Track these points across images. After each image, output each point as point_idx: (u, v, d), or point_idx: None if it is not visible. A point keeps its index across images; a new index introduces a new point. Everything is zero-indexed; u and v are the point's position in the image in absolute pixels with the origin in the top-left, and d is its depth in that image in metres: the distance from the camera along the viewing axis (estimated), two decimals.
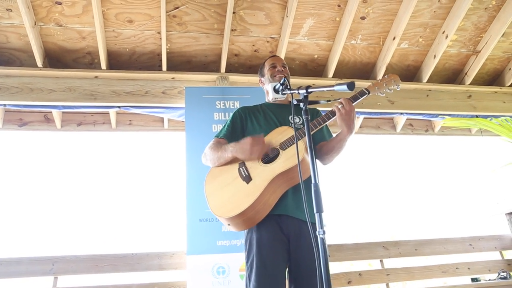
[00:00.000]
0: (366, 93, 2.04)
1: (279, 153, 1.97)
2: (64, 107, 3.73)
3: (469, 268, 4.06)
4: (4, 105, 3.63)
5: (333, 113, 1.98)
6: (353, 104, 1.96)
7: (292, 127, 2.02)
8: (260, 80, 2.45)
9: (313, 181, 1.51)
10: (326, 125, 2.12)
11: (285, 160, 1.92)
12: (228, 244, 3.27)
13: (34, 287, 3.36)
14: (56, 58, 3.77)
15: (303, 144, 1.86)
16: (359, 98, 2.02)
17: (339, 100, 1.93)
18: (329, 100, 2.02)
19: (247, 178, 1.95)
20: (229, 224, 1.95)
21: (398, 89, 2.12)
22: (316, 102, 1.90)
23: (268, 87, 2.18)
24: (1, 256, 3.40)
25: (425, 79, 4.36)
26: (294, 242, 1.92)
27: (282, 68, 2.32)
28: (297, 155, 1.67)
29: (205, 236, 3.25)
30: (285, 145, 1.97)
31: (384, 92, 2.08)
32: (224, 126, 2.25)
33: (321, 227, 1.43)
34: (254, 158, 1.95)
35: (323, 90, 1.70)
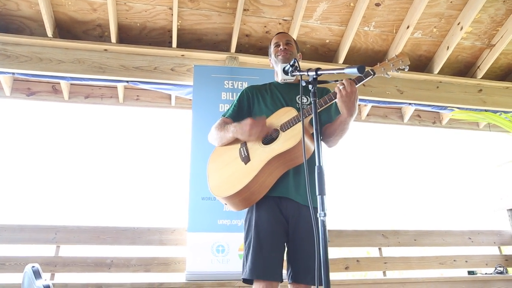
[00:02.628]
0: (371, 74, 1.90)
1: (279, 134, 1.95)
2: (72, 78, 3.74)
3: (466, 261, 4.09)
4: (13, 73, 3.64)
5: (335, 95, 1.89)
6: (357, 85, 1.87)
7: (296, 108, 2.00)
8: (270, 60, 2.39)
9: (317, 164, 1.50)
10: (334, 105, 2.03)
11: (283, 142, 1.90)
12: (229, 223, 3.30)
13: (37, 254, 3.42)
14: (66, 29, 3.75)
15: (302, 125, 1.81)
16: (364, 79, 1.91)
17: (340, 81, 1.85)
18: (337, 80, 1.91)
19: (246, 159, 1.95)
20: (226, 204, 1.98)
21: (406, 69, 1.96)
22: (324, 82, 1.83)
23: (278, 68, 2.15)
24: (5, 222, 3.46)
25: (437, 70, 4.31)
26: (292, 224, 1.92)
27: (286, 46, 2.24)
28: (302, 136, 1.65)
29: (206, 214, 3.28)
30: (286, 126, 1.94)
31: (391, 73, 1.94)
32: (231, 105, 2.24)
33: (322, 209, 1.43)
34: (252, 139, 1.95)
35: (333, 73, 1.67)
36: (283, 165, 1.92)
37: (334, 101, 1.92)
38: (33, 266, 2.30)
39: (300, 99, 2.06)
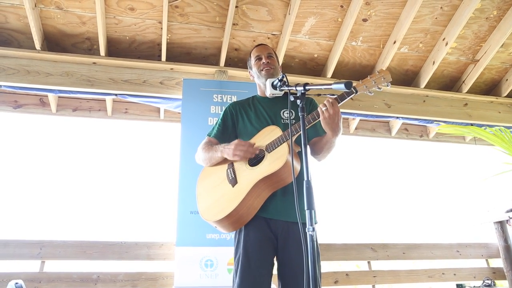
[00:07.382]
0: (354, 93, 1.87)
1: (265, 155, 1.94)
2: (60, 91, 3.71)
3: (455, 274, 4.10)
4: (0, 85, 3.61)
5: (318, 114, 1.86)
6: (340, 104, 1.84)
7: (281, 126, 2.02)
8: (249, 73, 2.35)
9: (305, 178, 1.51)
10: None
11: (269, 164, 1.89)
12: (218, 237, 3.27)
13: (21, 270, 3.34)
14: (55, 42, 3.74)
15: (287, 146, 1.83)
16: (346, 98, 1.87)
17: (324, 102, 1.81)
18: (319, 94, 1.91)
19: (233, 181, 1.95)
20: (216, 227, 1.97)
21: (388, 87, 1.92)
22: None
23: (262, 82, 2.17)
24: None
25: (423, 84, 4.38)
26: (282, 240, 1.91)
27: (268, 60, 2.20)
28: (291, 157, 1.66)
29: (195, 228, 3.25)
30: (271, 147, 1.93)
31: (373, 90, 1.91)
32: (216, 124, 2.24)
33: (311, 224, 1.43)
34: (237, 159, 1.95)
35: (321, 88, 1.69)
36: (270, 187, 1.91)
37: (317, 120, 1.90)
38: (16, 283, 2.25)
39: (284, 113, 2.08)
